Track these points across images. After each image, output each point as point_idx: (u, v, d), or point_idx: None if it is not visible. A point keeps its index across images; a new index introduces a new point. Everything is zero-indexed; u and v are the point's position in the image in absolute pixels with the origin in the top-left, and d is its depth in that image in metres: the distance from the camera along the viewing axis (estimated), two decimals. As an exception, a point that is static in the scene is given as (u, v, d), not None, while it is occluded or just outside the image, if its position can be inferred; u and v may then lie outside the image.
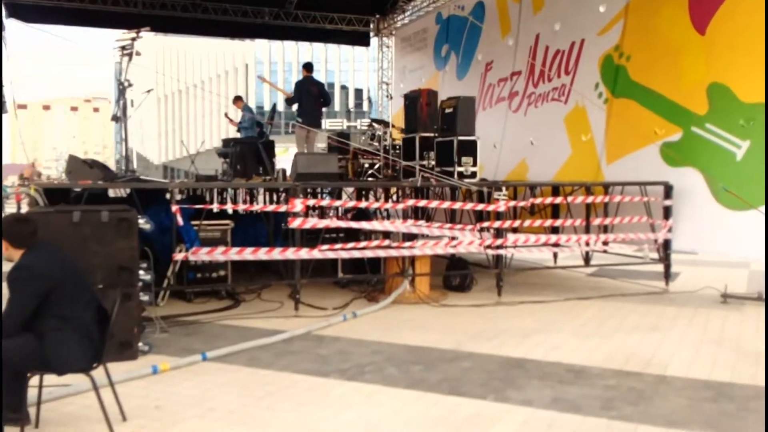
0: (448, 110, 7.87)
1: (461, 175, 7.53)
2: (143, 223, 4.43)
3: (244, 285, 6.90)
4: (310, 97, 8.62)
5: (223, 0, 12.86)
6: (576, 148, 9.16)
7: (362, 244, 6.07)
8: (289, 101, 8.74)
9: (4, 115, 6.07)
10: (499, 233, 6.65)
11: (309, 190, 7.69)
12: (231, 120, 11.39)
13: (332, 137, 9.28)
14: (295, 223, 5.70)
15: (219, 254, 5.61)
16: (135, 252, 4.40)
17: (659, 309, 6.36)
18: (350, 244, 6.01)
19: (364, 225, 6.15)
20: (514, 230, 7.41)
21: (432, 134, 8.14)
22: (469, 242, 6.50)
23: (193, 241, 5.74)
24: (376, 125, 10.05)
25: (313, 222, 5.84)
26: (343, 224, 6.11)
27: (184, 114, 69.79)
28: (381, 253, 6.12)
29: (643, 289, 7.45)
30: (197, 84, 67.76)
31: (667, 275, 7.36)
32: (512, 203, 6.79)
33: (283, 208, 5.80)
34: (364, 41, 15.92)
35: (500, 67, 11.36)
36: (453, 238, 6.73)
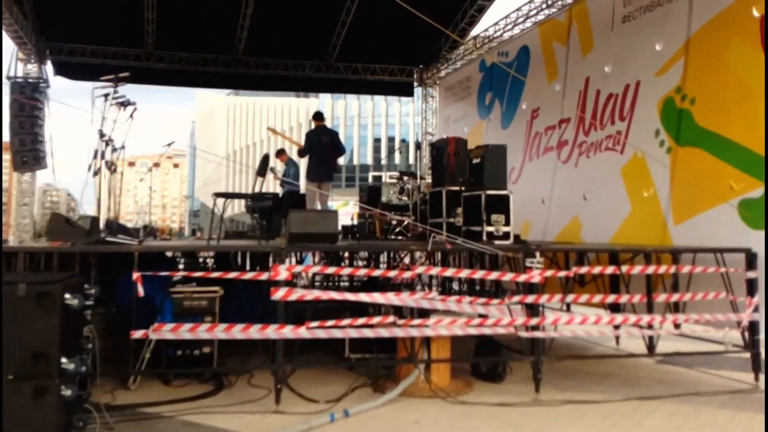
0: (475, 160, 6.83)
1: (491, 236, 6.42)
2: (70, 298, 3.59)
3: (229, 366, 5.93)
4: (322, 147, 7.86)
5: (263, 54, 12.64)
6: (636, 204, 7.87)
7: (360, 321, 5.00)
8: (300, 152, 8.02)
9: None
10: (534, 310, 5.44)
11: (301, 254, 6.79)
12: (275, 174, 10.84)
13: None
14: (278, 294, 4.74)
15: (184, 332, 4.70)
16: (55, 334, 3.53)
17: (747, 417, 4.89)
18: (345, 321, 4.96)
19: (362, 297, 5.10)
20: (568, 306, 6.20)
21: (459, 188, 7.11)
22: (495, 321, 5.31)
23: (165, 313, 4.91)
24: (405, 177, 9.18)
25: (300, 293, 4.85)
26: (336, 295, 5.07)
27: (251, 169, 71.86)
28: (383, 333, 5.03)
29: (726, 385, 5.91)
30: (263, 139, 69.75)
31: (756, 367, 5.81)
32: (549, 273, 5.54)
33: (264, 276, 4.86)
34: (407, 91, 15.28)
35: (547, 115, 10.29)
36: (480, 316, 5.53)
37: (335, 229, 5.37)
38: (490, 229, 6.47)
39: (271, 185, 10.38)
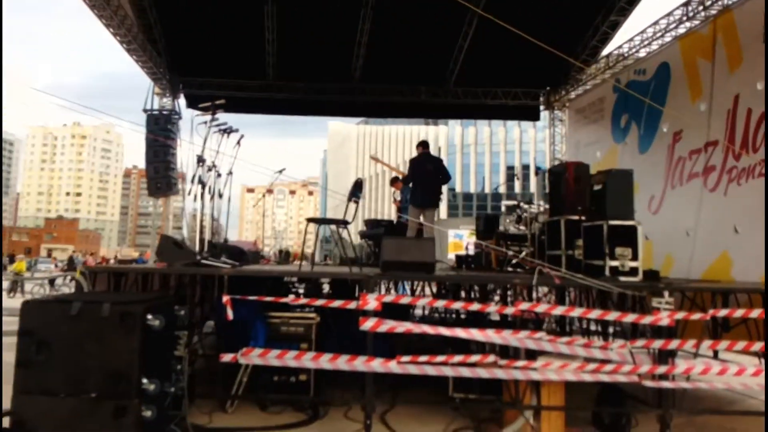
0: (596, 187, 6.18)
1: (615, 272, 5.71)
2: (151, 319, 3.64)
3: (327, 395, 5.77)
4: (426, 175, 7.62)
5: (380, 81, 12.74)
6: (798, 238, 6.68)
7: (456, 358, 4.61)
8: (404, 180, 7.85)
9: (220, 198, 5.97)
10: (661, 356, 4.69)
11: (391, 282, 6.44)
12: (395, 200, 10.83)
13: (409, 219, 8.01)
14: (366, 325, 4.52)
15: (272, 357, 4.61)
16: (135, 355, 3.59)
17: None
18: (440, 358, 4.59)
19: (458, 332, 4.69)
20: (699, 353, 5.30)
21: (578, 217, 6.47)
22: (615, 367, 4.64)
23: (258, 338, 4.89)
24: (524, 205, 8.61)
25: (390, 325, 4.58)
26: (430, 329, 4.72)
27: (380, 197, 73.58)
28: (482, 373, 4.59)
29: None
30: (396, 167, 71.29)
31: None
32: (680, 315, 4.76)
33: (352, 305, 4.66)
34: (533, 115, 14.57)
35: (691, 137, 9.20)
36: (601, 361, 4.87)
37: (431, 258, 5.05)
38: (614, 263, 5.77)
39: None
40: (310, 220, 5.57)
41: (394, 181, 10.89)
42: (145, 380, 3.61)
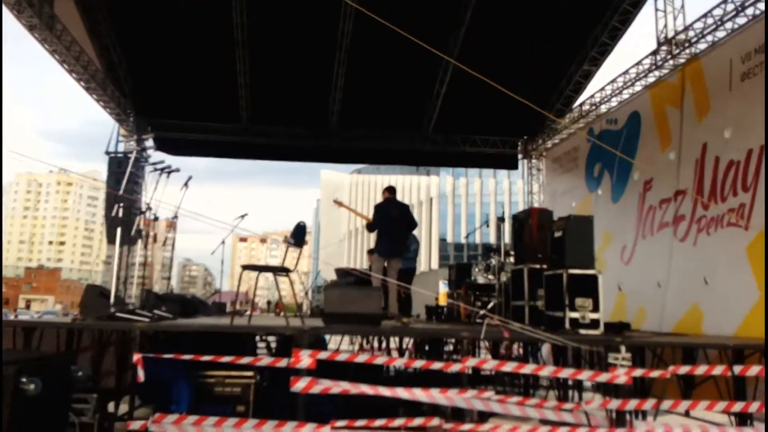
0: (557, 233, 5.94)
1: (576, 324, 5.41)
2: (25, 383, 3.25)
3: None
4: (390, 221, 7.30)
5: (355, 126, 12.61)
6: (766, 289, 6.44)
7: (397, 422, 4.23)
8: (369, 227, 7.52)
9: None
10: (619, 418, 4.34)
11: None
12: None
13: (356, 270, 7.70)
14: (298, 385, 4.15)
15: (188, 425, 4.20)
16: (5, 424, 3.17)
17: None
18: (379, 421, 4.21)
19: (400, 392, 4.33)
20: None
21: (539, 266, 6.21)
22: (568, 431, 4.28)
23: (181, 400, 4.49)
24: (491, 253, 8.35)
25: (325, 385, 4.21)
26: (368, 390, 4.35)
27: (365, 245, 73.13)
28: (425, 437, 4.21)
29: None
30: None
31: None
32: (638, 372, 4.43)
33: (282, 363, 4.29)
34: (511, 164, 14.47)
35: (662, 186, 9.06)
36: (554, 424, 4.51)
37: (377, 310, 4.73)
38: (575, 315, 5.48)
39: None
40: (245, 267, 5.25)
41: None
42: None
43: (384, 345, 9.28)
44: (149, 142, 11.82)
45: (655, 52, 9.42)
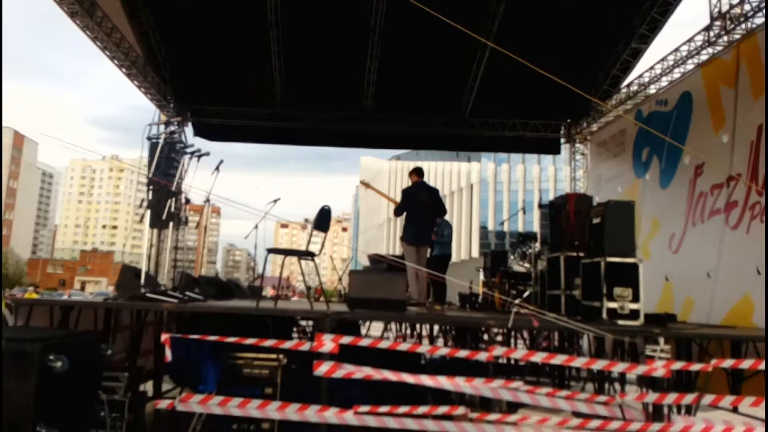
0: (595, 220, 5.66)
1: (613, 314, 5.16)
2: (52, 360, 3.28)
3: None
4: (419, 206, 7.06)
5: (389, 111, 12.40)
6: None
7: (421, 409, 4.12)
8: (396, 211, 7.32)
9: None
10: (656, 412, 4.11)
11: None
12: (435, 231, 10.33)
13: (386, 257, 7.47)
14: (320, 369, 4.08)
15: (213, 405, 4.20)
16: (31, 400, 3.22)
17: None
18: (402, 408, 4.11)
19: (424, 380, 4.21)
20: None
21: (576, 253, 5.95)
22: (601, 424, 4.08)
23: (208, 381, 4.50)
24: (528, 241, 8.10)
25: (347, 370, 4.13)
26: (392, 376, 4.24)
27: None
28: (450, 428, 4.08)
29: None
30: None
31: None
32: (678, 365, 4.17)
33: (305, 347, 4.23)
34: (553, 149, 14.01)
35: (713, 171, 8.58)
36: (586, 416, 4.30)
37: (401, 296, 4.60)
38: (612, 305, 5.22)
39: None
40: (270, 250, 5.20)
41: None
42: (42, 430, 3.22)
43: (417, 332, 9.17)
44: (188, 128, 11.95)
45: (708, 28, 8.89)
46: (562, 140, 13.67)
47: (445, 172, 67.16)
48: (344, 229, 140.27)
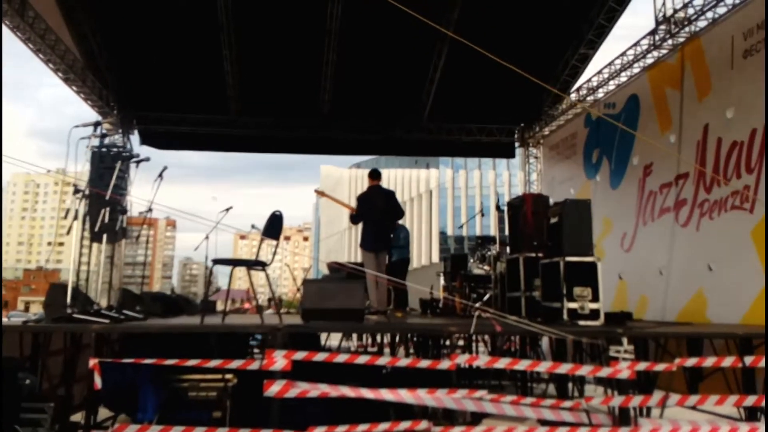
0: (553, 219, 5.62)
1: (574, 315, 5.09)
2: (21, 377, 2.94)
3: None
4: (376, 211, 6.88)
5: (347, 116, 12.21)
6: (775, 276, 6.14)
7: (381, 426, 3.91)
8: (352, 218, 7.11)
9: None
10: (622, 415, 4.03)
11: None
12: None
13: (345, 265, 7.32)
14: (271, 390, 3.83)
15: None
16: None
17: None
18: (362, 427, 3.90)
19: (384, 394, 4.01)
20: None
21: (535, 254, 5.89)
22: (568, 431, 3.97)
23: (147, 408, 4.17)
24: (487, 244, 8.04)
25: (302, 389, 3.89)
26: (349, 392, 4.03)
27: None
28: (411, 442, 3.90)
29: None
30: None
31: None
32: (642, 365, 4.11)
33: (254, 366, 3.97)
34: (508, 153, 14.10)
35: (662, 170, 8.76)
36: (552, 424, 4.18)
37: (359, 305, 4.40)
38: (573, 305, 5.17)
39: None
40: (216, 261, 4.92)
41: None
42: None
43: (380, 342, 8.97)
44: (133, 136, 11.43)
45: (653, 32, 9.07)
46: (516, 144, 13.78)
47: (404, 179, 67.45)
48: (305, 239, 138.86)
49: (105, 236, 8.99)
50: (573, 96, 11.68)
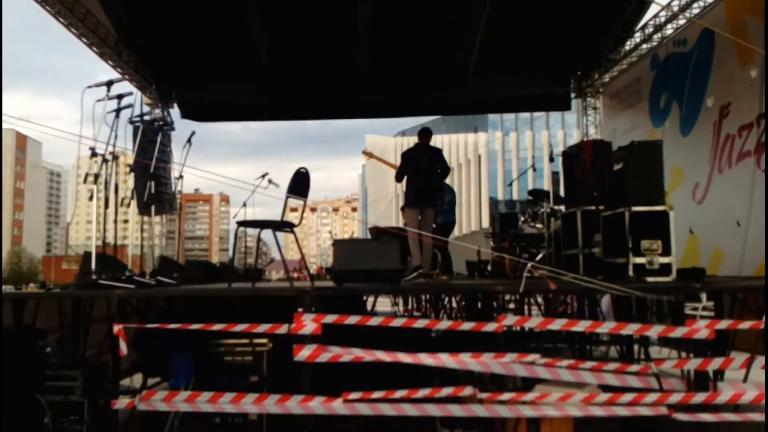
0: (616, 166, 4.98)
1: (641, 271, 4.51)
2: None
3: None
4: (421, 168, 6.44)
5: (384, 75, 11.53)
6: None
7: (421, 392, 3.53)
8: (397, 176, 6.68)
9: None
10: (699, 381, 3.49)
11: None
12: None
13: (387, 228, 6.83)
14: (302, 354, 3.50)
15: (180, 401, 3.63)
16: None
17: None
18: (400, 393, 3.53)
19: (424, 359, 3.61)
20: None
21: (595, 207, 5.27)
22: (634, 398, 3.46)
23: (180, 375, 3.95)
24: (540, 201, 7.43)
25: (333, 353, 3.54)
26: (385, 356, 3.65)
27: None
28: (457, 411, 3.49)
29: None
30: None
31: None
32: (723, 324, 3.53)
33: (282, 330, 3.64)
34: (563, 105, 13.13)
35: (741, 110, 7.85)
36: (617, 390, 3.68)
37: (395, 265, 3.98)
38: (640, 260, 4.58)
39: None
40: (240, 223, 4.60)
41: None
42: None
43: (426, 306, 8.58)
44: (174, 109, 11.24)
45: (730, -47, 8.03)
46: (573, 95, 12.82)
47: (451, 144, 65.96)
48: (354, 209, 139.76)
49: (153, 208, 8.96)
50: (637, 36, 10.67)
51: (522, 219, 7.62)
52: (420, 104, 12.58)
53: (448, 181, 8.23)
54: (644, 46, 10.61)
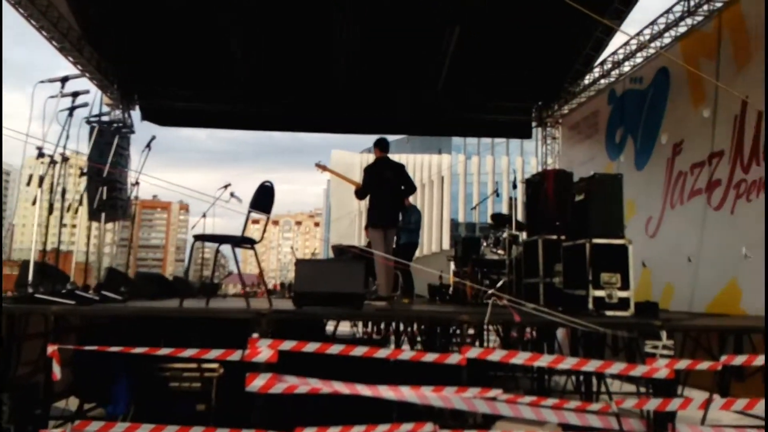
0: (578, 197, 5.03)
1: (600, 304, 4.53)
2: None
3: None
4: (385, 185, 6.28)
5: (358, 96, 11.51)
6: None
7: (381, 428, 3.40)
8: (358, 193, 6.51)
9: None
10: (658, 421, 3.48)
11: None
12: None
13: (350, 247, 6.75)
14: (254, 384, 3.32)
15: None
16: None
17: None
18: (357, 429, 3.38)
19: (384, 391, 3.50)
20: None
21: (556, 236, 5.30)
22: (593, 436, 3.43)
23: (119, 401, 3.70)
24: (501, 227, 7.46)
25: (289, 384, 3.38)
26: (344, 388, 3.51)
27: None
28: (415, 447, 3.38)
29: None
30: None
31: None
32: (682, 363, 3.55)
33: (235, 356, 3.45)
34: (524, 133, 13.40)
35: (693, 149, 8.11)
36: (577, 429, 3.64)
37: (359, 288, 3.86)
38: (599, 293, 4.61)
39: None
40: (197, 237, 4.41)
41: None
42: None
43: (384, 330, 8.46)
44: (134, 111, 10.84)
45: (687, -2, 8.37)
46: (534, 124, 13.09)
47: (416, 164, 66.53)
48: (316, 224, 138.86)
49: (103, 215, 8.54)
50: (596, 71, 10.98)
51: (484, 244, 7.62)
52: (393, 122, 12.58)
53: (412, 200, 8.17)
54: (602, 81, 10.91)
